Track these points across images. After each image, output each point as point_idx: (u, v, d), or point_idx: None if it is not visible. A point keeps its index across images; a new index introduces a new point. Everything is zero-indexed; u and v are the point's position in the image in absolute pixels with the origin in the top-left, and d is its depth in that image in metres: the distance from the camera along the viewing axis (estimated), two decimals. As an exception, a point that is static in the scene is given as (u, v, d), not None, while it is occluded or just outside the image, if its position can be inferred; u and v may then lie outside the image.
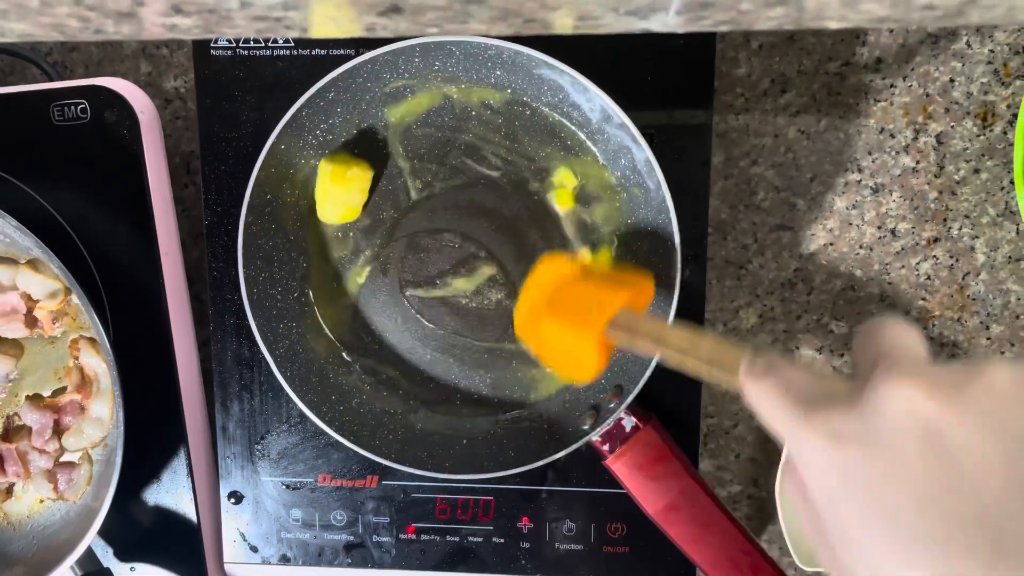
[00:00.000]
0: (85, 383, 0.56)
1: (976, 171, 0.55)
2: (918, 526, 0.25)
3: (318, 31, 0.23)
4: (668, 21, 0.22)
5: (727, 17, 0.22)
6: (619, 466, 0.51)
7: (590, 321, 0.43)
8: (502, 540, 0.56)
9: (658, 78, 0.51)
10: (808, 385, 0.30)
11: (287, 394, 0.52)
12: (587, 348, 0.43)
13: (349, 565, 0.57)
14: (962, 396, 0.25)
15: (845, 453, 0.27)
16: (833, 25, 0.23)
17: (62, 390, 0.57)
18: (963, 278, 0.56)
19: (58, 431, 0.56)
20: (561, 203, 0.52)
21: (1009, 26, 0.51)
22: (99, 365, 0.56)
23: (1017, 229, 0.55)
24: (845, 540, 0.27)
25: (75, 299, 0.55)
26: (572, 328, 0.43)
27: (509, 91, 0.51)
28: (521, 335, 0.48)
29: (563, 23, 0.22)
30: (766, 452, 0.58)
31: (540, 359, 0.48)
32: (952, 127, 0.54)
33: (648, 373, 0.49)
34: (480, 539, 0.56)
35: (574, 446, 0.51)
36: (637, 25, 0.22)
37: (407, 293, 0.54)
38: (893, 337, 0.29)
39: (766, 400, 0.30)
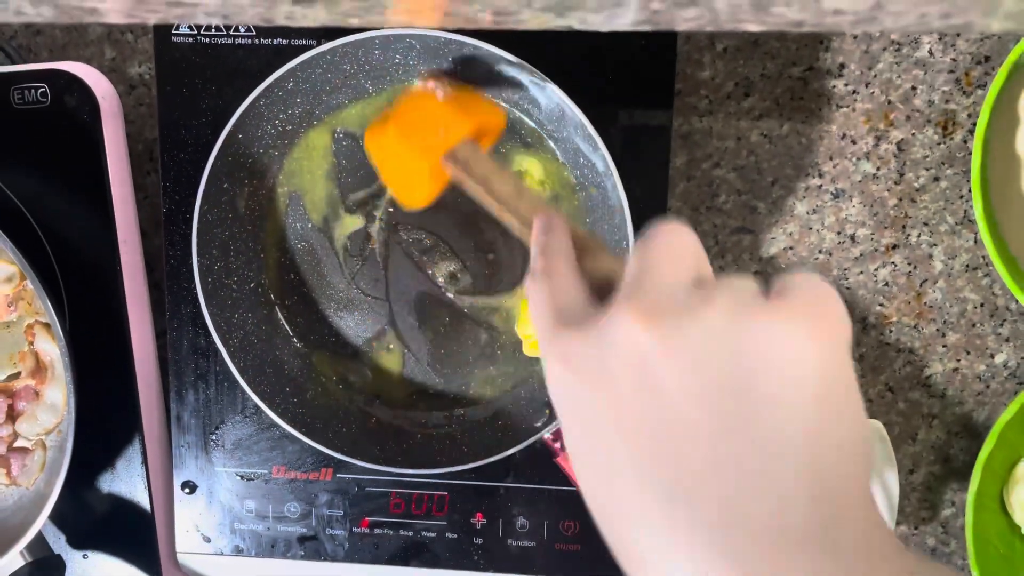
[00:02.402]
0: (40, 369, 0.56)
1: (936, 179, 0.55)
2: (623, 463, 0.25)
3: (240, 17, 0.23)
4: (587, 18, 0.22)
5: (643, 17, 0.22)
6: (570, 464, 0.51)
7: (428, 145, 0.42)
8: (455, 536, 0.56)
9: (618, 78, 0.51)
10: (574, 296, 0.29)
11: (241, 385, 0.52)
12: (422, 172, 0.42)
13: (302, 557, 0.57)
14: (679, 334, 0.24)
15: (572, 377, 0.27)
16: (752, 28, 0.23)
17: (16, 375, 0.56)
18: (921, 285, 0.56)
19: (12, 416, 0.56)
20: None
21: (920, 32, 0.51)
22: (54, 351, 0.55)
23: (975, 238, 0.55)
24: (573, 456, 0.28)
25: (30, 284, 0.55)
26: (410, 148, 0.42)
27: (471, 87, 0.51)
28: (368, 146, 0.46)
29: (481, 18, 0.22)
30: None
31: (379, 173, 0.47)
32: (913, 134, 0.54)
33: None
34: (434, 534, 0.56)
35: (526, 443, 0.51)
36: (556, 22, 0.22)
37: (363, 287, 0.54)
38: (654, 252, 0.27)
39: (533, 305, 0.30)
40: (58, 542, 0.58)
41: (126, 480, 0.57)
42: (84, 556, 0.58)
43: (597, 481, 0.27)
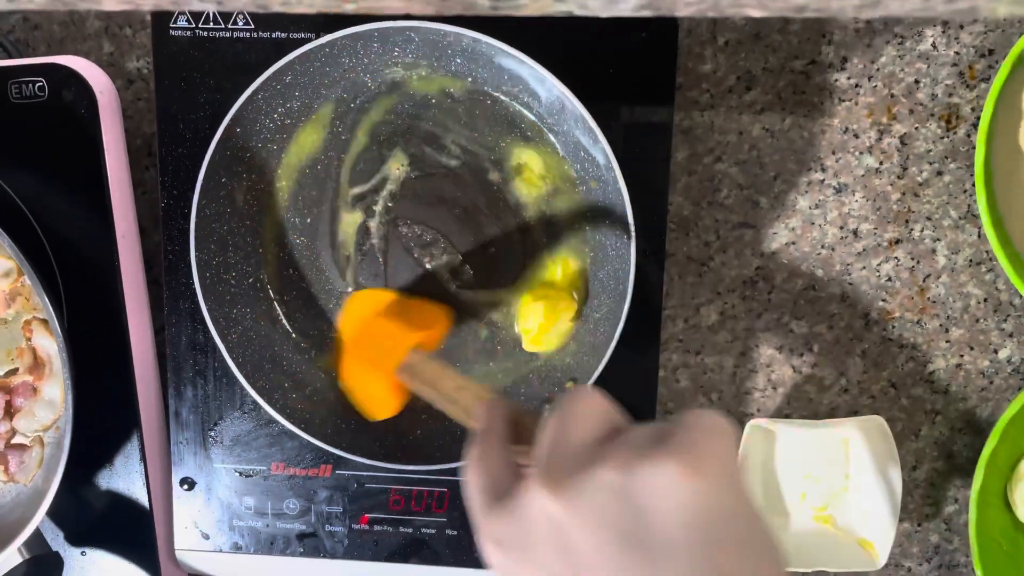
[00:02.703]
0: (37, 365, 0.55)
1: (939, 173, 0.54)
2: None
3: (232, 3, 0.23)
4: (587, 4, 0.22)
5: (644, 2, 0.21)
6: (571, 460, 0.51)
7: (381, 363, 0.46)
8: (455, 532, 0.56)
9: (619, 71, 0.50)
10: (501, 473, 0.32)
11: (240, 381, 0.52)
12: (380, 389, 0.47)
13: (301, 554, 0.57)
14: (579, 494, 0.27)
15: (504, 558, 0.30)
16: (753, 13, 0.22)
17: (14, 371, 0.56)
18: (924, 280, 0.55)
19: (9, 413, 0.56)
20: (529, 186, 0.51)
21: (925, 16, 0.51)
22: (52, 347, 0.55)
23: (978, 232, 0.55)
24: None
25: (28, 280, 0.55)
26: (366, 369, 0.47)
27: (470, 79, 0.50)
28: (339, 376, 0.51)
29: (480, 3, 0.22)
30: (723, 450, 0.57)
31: (351, 398, 0.51)
32: (916, 128, 0.54)
33: (601, 367, 0.49)
34: (433, 531, 0.56)
35: (527, 439, 0.51)
36: (554, 8, 0.22)
37: (362, 281, 0.54)
38: (561, 421, 0.30)
39: (470, 487, 0.33)
40: (56, 539, 0.57)
41: (124, 477, 0.57)
42: (82, 553, 0.58)
43: None
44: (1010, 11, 0.21)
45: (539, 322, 0.51)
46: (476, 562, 0.56)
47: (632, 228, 0.47)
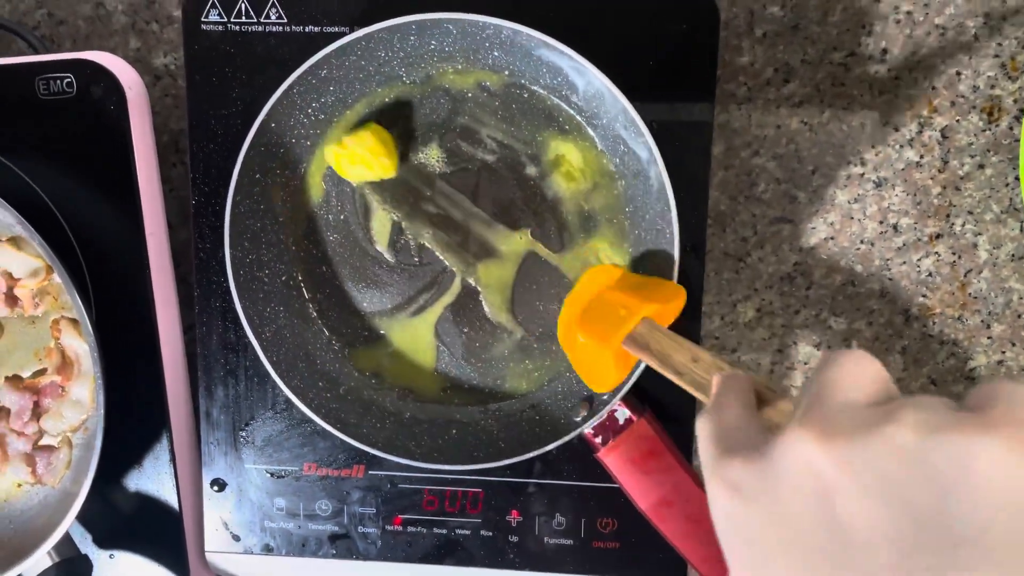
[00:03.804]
0: (66, 365, 0.55)
1: (981, 167, 0.54)
2: None
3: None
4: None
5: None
6: (612, 459, 0.50)
7: (608, 332, 0.43)
8: (490, 533, 0.55)
9: (659, 64, 0.50)
10: (744, 427, 0.28)
11: (273, 380, 0.51)
12: (605, 359, 0.44)
13: (333, 556, 0.56)
14: (861, 454, 0.22)
15: (742, 507, 0.25)
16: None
17: (42, 371, 0.55)
18: (965, 275, 0.55)
19: (37, 413, 0.55)
20: (567, 181, 0.51)
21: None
22: (80, 347, 0.54)
23: (1021, 227, 0.54)
24: None
25: (57, 278, 0.54)
26: (592, 338, 0.44)
27: (507, 72, 0.50)
28: (562, 343, 0.49)
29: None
30: (761, 449, 0.57)
31: (575, 367, 0.49)
32: (957, 121, 0.53)
33: (643, 365, 0.48)
34: (468, 532, 0.55)
35: (566, 438, 0.50)
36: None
37: (397, 279, 0.53)
38: (832, 374, 0.25)
39: (701, 438, 0.29)
40: (84, 541, 0.57)
41: (153, 478, 0.56)
42: (111, 556, 0.57)
43: None
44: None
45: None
46: (511, 563, 0.55)
47: (675, 223, 0.46)
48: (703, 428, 0.29)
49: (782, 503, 0.24)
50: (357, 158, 0.49)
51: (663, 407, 0.52)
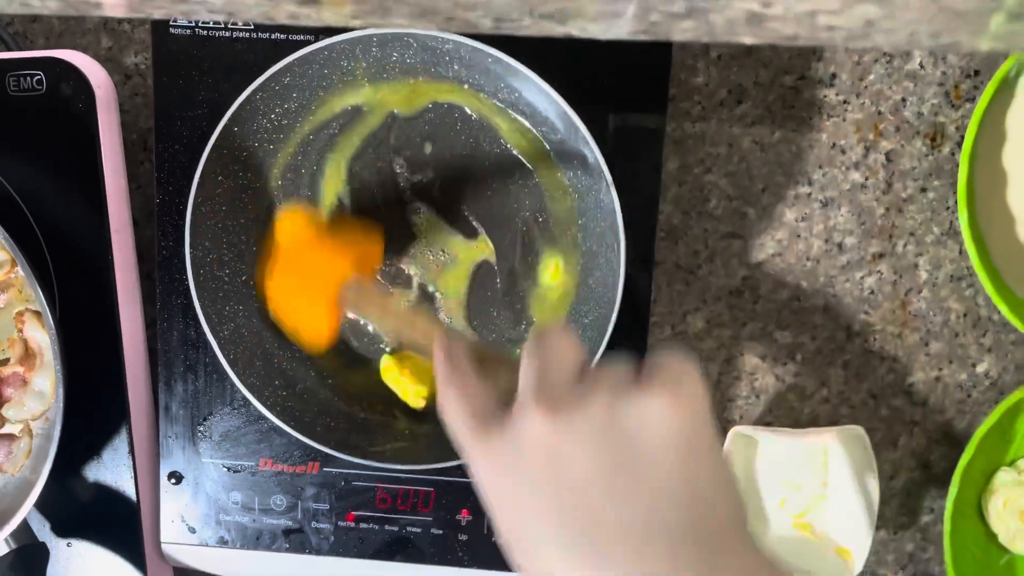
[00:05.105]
0: (28, 356, 0.56)
1: (923, 190, 0.56)
2: (547, 534, 0.30)
3: (245, 14, 0.23)
4: (586, 28, 0.23)
5: (641, 27, 0.22)
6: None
7: (317, 291, 0.45)
8: (440, 531, 0.56)
9: (614, 83, 0.51)
10: (484, 399, 0.33)
11: (230, 377, 0.52)
12: (315, 317, 0.45)
13: (287, 550, 0.57)
14: (577, 420, 0.30)
15: (499, 476, 0.32)
16: (747, 40, 0.23)
17: (5, 361, 0.56)
18: (906, 294, 0.57)
19: (-1, 402, 0.56)
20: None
21: (911, 48, 0.52)
22: (43, 338, 0.55)
23: (960, 249, 0.56)
24: (508, 542, 0.32)
25: (21, 271, 0.55)
26: (305, 299, 0.45)
27: (466, 86, 0.51)
28: (262, 298, 0.49)
29: (483, 23, 0.23)
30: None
31: (279, 323, 0.50)
32: (902, 146, 0.55)
33: (595, 363, 0.50)
34: (419, 529, 0.56)
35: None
36: (556, 30, 0.23)
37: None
38: (548, 354, 0.32)
39: (451, 411, 0.34)
40: (43, 530, 0.58)
41: (112, 469, 0.57)
42: (68, 544, 0.58)
43: (528, 557, 0.31)
44: (992, 46, 0.22)
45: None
46: (459, 561, 0.56)
47: (622, 236, 0.48)
48: (454, 406, 0.34)
49: (525, 465, 0.31)
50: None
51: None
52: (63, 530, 0.58)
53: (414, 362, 0.53)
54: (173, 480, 0.57)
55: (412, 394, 0.53)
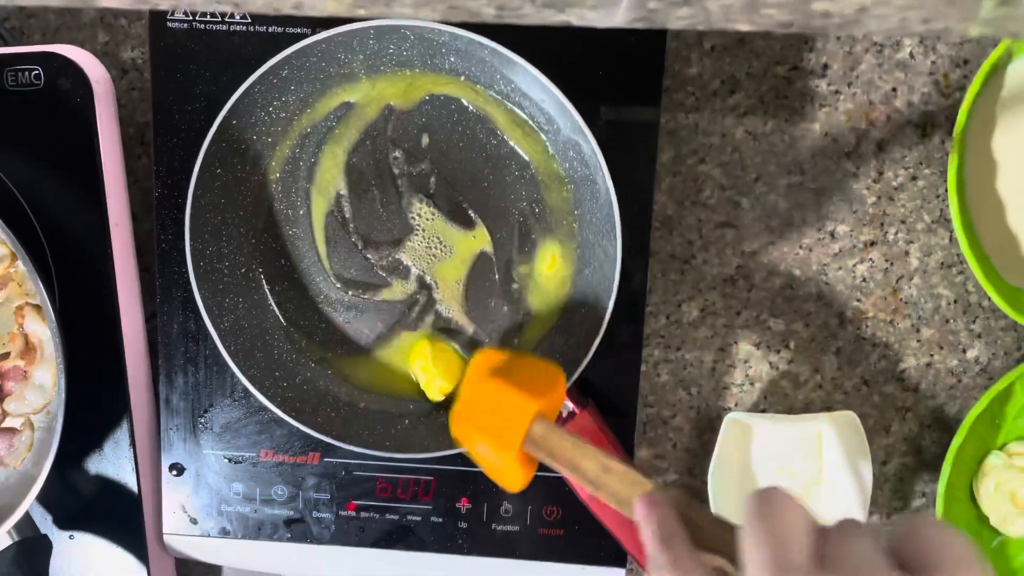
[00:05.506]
0: (29, 350, 0.56)
1: (914, 178, 0.56)
2: None
3: (250, 5, 0.24)
4: (585, 15, 0.23)
5: (639, 15, 0.23)
6: (555, 451, 0.52)
7: (506, 442, 0.43)
8: (440, 520, 0.57)
9: (609, 73, 0.52)
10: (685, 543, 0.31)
11: (231, 368, 0.53)
12: (510, 465, 0.43)
13: (288, 540, 0.58)
14: None
15: None
16: (742, 27, 0.24)
17: (5, 356, 0.57)
18: (897, 281, 0.57)
19: (0, 396, 0.56)
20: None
21: (902, 35, 0.53)
22: (44, 332, 0.56)
23: (950, 236, 0.57)
24: None
25: (21, 266, 0.55)
26: (493, 448, 0.43)
27: (463, 78, 0.52)
28: (461, 442, 0.46)
29: (485, 12, 0.23)
30: (702, 442, 0.59)
31: (480, 465, 0.48)
32: (893, 135, 0.56)
33: (587, 360, 0.51)
34: (419, 518, 0.57)
35: (512, 429, 0.52)
36: (555, 18, 0.23)
37: (336, 267, 0.55)
38: (769, 531, 0.28)
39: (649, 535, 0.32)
40: (45, 522, 0.58)
41: (114, 462, 0.57)
42: (71, 536, 0.58)
43: None
44: (981, 31, 0.23)
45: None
46: (460, 548, 0.57)
47: (618, 225, 0.49)
48: (653, 535, 0.31)
49: None
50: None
51: (606, 401, 0.54)
52: (65, 522, 0.58)
53: (448, 356, 0.53)
54: (174, 472, 0.57)
55: (435, 387, 0.53)
